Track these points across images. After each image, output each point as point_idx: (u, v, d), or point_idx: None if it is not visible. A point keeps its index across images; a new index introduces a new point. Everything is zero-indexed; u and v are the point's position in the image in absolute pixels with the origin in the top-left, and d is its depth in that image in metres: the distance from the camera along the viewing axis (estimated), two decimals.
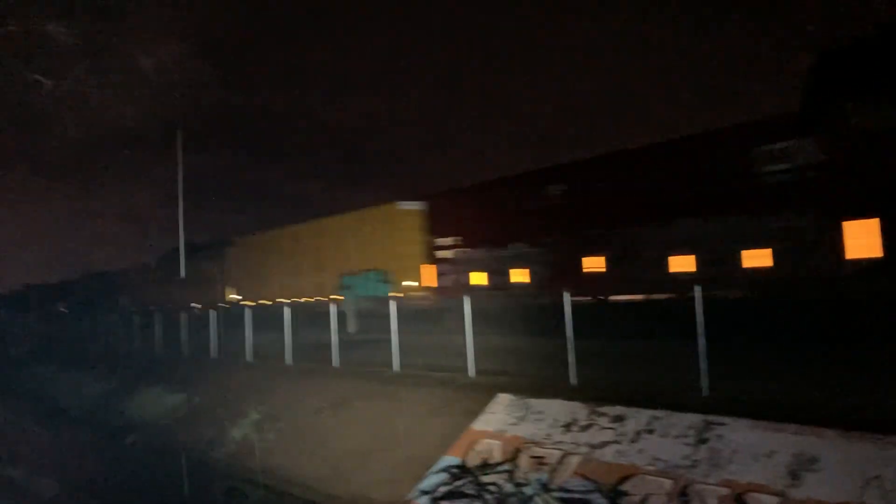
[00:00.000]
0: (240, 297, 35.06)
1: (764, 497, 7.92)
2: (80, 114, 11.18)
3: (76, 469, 18.24)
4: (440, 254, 23.75)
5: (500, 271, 21.42)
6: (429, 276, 24.16)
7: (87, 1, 10.40)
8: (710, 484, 8.45)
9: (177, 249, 45.96)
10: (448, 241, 23.54)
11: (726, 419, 9.35)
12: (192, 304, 35.45)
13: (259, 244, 35.59)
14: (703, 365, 10.87)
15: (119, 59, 10.93)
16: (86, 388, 28.03)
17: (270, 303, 31.02)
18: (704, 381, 10.81)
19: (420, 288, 24.64)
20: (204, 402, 19.53)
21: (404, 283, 25.22)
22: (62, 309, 51.11)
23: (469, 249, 22.79)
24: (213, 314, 25.00)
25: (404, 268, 25.37)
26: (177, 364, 24.67)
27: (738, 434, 9.00)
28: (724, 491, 8.25)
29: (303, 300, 29.19)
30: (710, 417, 9.52)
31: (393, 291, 25.15)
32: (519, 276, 20.85)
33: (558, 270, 19.66)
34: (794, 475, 7.97)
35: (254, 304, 31.29)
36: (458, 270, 23.01)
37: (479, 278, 22.15)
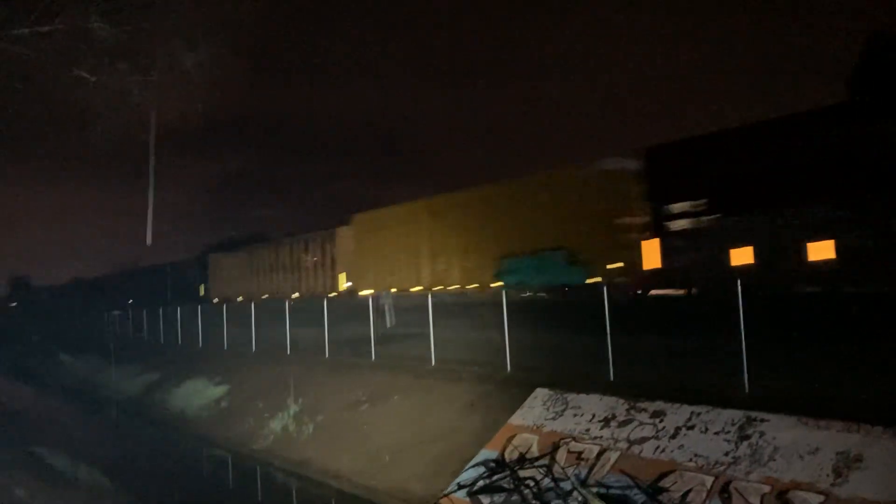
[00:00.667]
0: (349, 285, 29.81)
1: (807, 495, 7.77)
2: (123, 111, 11.37)
3: (121, 454, 18.61)
4: (672, 224, 17.94)
5: (782, 245, 15.62)
6: (652, 253, 18.44)
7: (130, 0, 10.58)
8: (751, 481, 8.33)
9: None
10: (684, 206, 17.65)
11: (768, 415, 9.21)
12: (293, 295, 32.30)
13: (386, 222, 28.30)
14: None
15: (161, 56, 11.08)
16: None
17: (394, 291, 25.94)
18: None
19: (632, 270, 18.77)
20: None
21: (609, 266, 19.01)
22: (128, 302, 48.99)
23: (723, 216, 16.80)
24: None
25: (599, 246, 19.21)
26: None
27: (781, 431, 8.85)
28: (766, 488, 8.12)
29: (449, 288, 24.07)
30: (752, 413, 9.37)
31: (590, 276, 19.41)
32: (819, 250, 15.00)
33: None
34: (839, 473, 7.81)
35: (371, 292, 26.86)
36: (704, 245, 17.11)
37: (742, 255, 16.41)
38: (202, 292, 42.02)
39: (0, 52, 10.40)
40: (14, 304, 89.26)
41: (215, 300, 39.85)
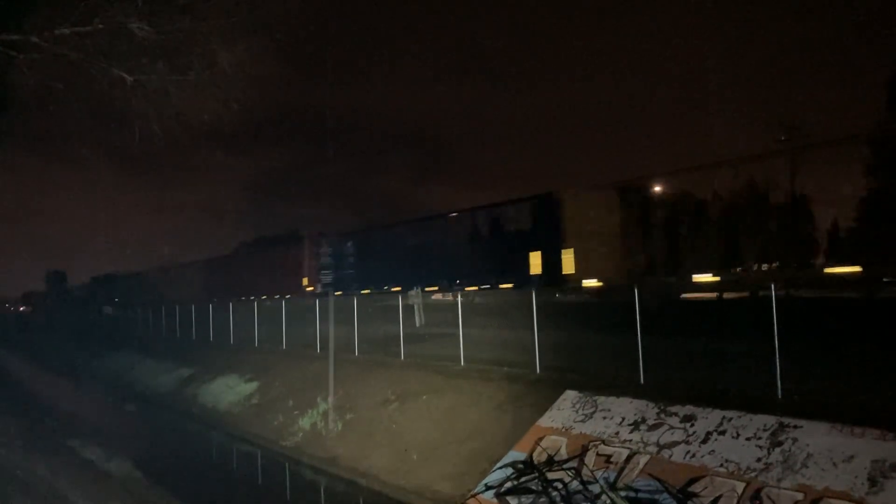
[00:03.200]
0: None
1: None
2: (161, 109, 11.52)
3: (153, 450, 18.87)
4: None
5: None
6: None
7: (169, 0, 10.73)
8: (783, 488, 8.23)
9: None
10: None
11: (801, 421, 9.09)
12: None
13: None
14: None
15: (199, 56, 11.22)
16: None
17: None
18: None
19: None
20: None
21: None
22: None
23: None
24: None
25: None
26: None
27: (814, 437, 8.73)
28: (799, 496, 8.02)
29: None
30: (784, 419, 9.26)
31: None
32: None
33: None
34: (874, 482, 7.69)
35: None
36: None
37: None
38: (537, 265, 21.61)
39: (42, 52, 10.62)
40: (48, 299, 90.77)
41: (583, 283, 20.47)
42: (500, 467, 11.27)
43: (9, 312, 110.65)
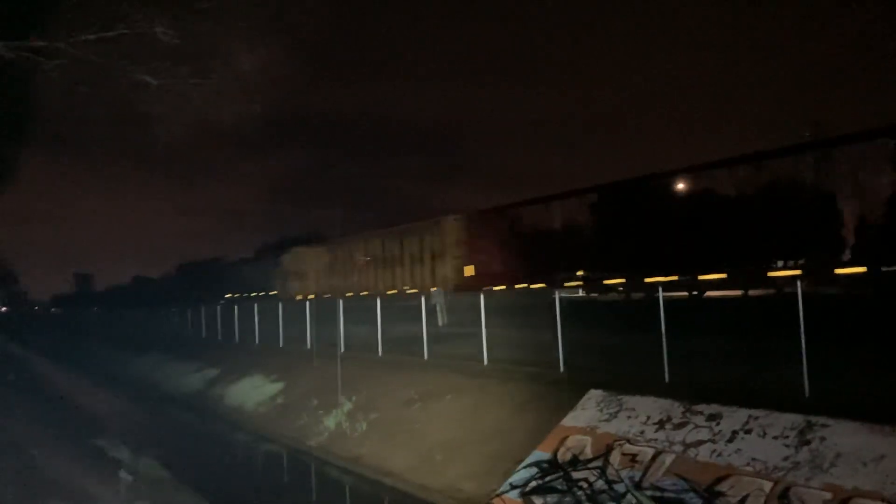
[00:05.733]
0: None
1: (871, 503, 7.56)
2: (183, 113, 11.63)
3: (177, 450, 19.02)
4: None
5: None
6: None
7: (191, 4, 10.81)
8: (812, 488, 8.12)
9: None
10: None
11: (829, 420, 8.98)
12: None
13: None
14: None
15: (220, 59, 11.31)
16: None
17: None
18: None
19: None
20: None
21: None
22: None
23: None
24: None
25: None
26: None
27: (843, 436, 8.62)
28: (827, 495, 7.91)
29: None
30: (812, 418, 9.15)
31: None
32: None
33: None
34: None
35: None
36: None
37: None
38: None
39: (67, 57, 10.75)
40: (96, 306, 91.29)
41: None
42: (525, 467, 11.24)
43: (39, 314, 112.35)
